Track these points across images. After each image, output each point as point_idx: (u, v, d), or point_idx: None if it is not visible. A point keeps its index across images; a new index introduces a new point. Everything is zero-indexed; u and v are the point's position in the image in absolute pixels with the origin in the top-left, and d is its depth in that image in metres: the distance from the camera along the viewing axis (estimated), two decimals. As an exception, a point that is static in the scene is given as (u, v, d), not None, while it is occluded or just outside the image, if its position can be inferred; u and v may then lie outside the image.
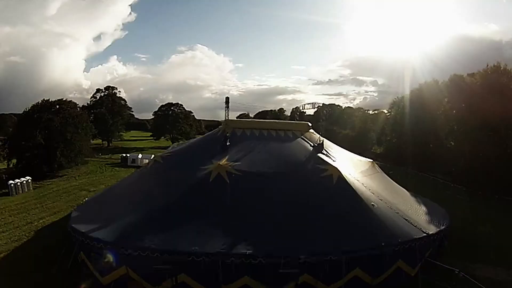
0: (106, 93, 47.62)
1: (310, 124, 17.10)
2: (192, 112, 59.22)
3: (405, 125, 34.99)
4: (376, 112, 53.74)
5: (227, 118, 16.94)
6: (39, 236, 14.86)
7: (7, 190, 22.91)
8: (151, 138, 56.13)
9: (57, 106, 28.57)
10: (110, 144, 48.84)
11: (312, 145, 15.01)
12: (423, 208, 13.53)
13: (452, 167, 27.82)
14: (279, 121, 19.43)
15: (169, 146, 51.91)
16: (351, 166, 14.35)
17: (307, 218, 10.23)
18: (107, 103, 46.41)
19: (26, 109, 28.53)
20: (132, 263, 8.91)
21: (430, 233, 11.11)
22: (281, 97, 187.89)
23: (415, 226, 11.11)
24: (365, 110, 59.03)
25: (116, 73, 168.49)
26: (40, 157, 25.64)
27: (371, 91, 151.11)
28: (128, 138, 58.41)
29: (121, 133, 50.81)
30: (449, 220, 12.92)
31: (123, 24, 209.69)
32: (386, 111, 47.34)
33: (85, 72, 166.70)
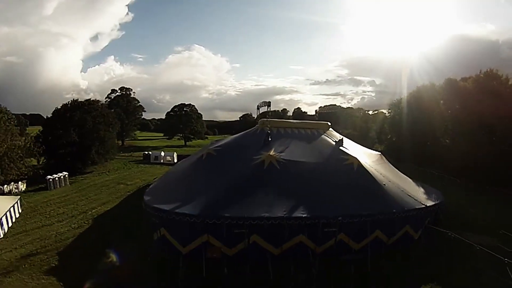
0: (120, 94, 50.12)
1: (329, 124, 20.90)
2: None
3: (404, 125, 39.03)
4: (376, 112, 57.90)
5: (268, 117, 20.87)
6: (99, 223, 17.33)
7: (44, 185, 25.34)
8: (162, 137, 58.81)
9: (87, 106, 31.23)
10: (124, 143, 51.37)
11: (334, 141, 18.81)
12: (422, 189, 17.40)
13: (447, 163, 31.52)
14: (302, 121, 23.02)
15: (182, 145, 54.79)
16: (365, 157, 18.12)
17: (337, 193, 13.84)
18: (122, 103, 48.96)
19: (56, 108, 31.22)
20: (212, 231, 12.08)
21: (428, 205, 14.94)
22: (278, 97, 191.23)
23: (416, 200, 14.93)
24: (366, 110, 63.32)
25: (113, 73, 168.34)
26: (74, 153, 28.28)
27: (368, 91, 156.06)
28: (138, 138, 61.09)
29: (134, 132, 53.38)
30: (442, 197, 16.81)
31: (120, 24, 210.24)
32: (385, 111, 51.63)
33: (82, 72, 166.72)
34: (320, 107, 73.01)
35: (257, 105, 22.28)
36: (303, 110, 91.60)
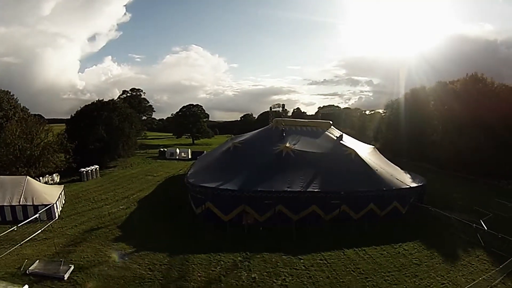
0: (131, 94, 53.83)
1: (331, 122, 25.34)
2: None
3: (398, 124, 43.65)
4: (372, 112, 62.75)
5: (282, 117, 25.31)
6: (143, 204, 21.22)
7: (77, 177, 28.83)
8: (168, 136, 62.59)
9: (112, 105, 35.04)
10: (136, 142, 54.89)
11: (335, 136, 23.22)
12: (408, 175, 21.88)
13: (437, 157, 35.82)
14: (309, 120, 27.41)
15: (190, 143, 58.49)
16: (361, 149, 22.59)
17: (339, 175, 18.20)
18: (134, 103, 52.64)
19: (79, 108, 35.04)
20: (248, 202, 16.32)
21: (412, 186, 19.45)
22: (276, 97, 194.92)
23: (402, 182, 19.40)
24: (363, 110, 68.17)
25: (111, 73, 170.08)
26: (101, 149, 32.00)
27: (366, 91, 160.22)
28: (147, 137, 64.83)
29: (144, 132, 57.00)
30: (425, 181, 21.24)
31: (118, 24, 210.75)
32: (381, 111, 56.29)
33: (79, 73, 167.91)
34: (320, 107, 77.48)
35: (270, 106, 26.50)
36: (302, 111, 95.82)
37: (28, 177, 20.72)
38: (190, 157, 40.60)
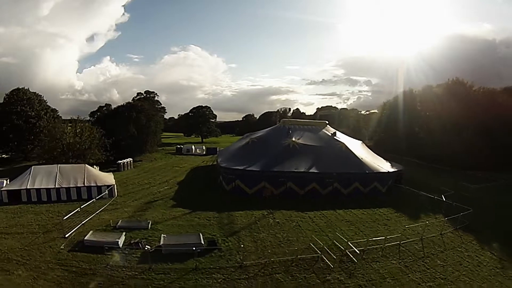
0: (145, 96, 60.07)
1: (327, 122, 32.23)
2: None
3: (388, 123, 50.61)
4: (367, 113, 69.79)
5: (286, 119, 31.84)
6: (183, 185, 27.77)
7: (115, 168, 35.20)
8: (179, 135, 68.83)
9: (139, 107, 41.54)
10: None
11: (330, 133, 30.08)
12: (388, 163, 28.74)
13: (422, 152, 42.42)
14: (308, 120, 34.29)
15: (199, 142, 64.80)
16: (351, 143, 29.42)
17: (332, 162, 24.99)
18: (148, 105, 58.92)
19: (109, 109, 41.37)
20: (267, 180, 23.06)
21: (390, 171, 26.31)
22: (274, 97, 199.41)
23: (382, 168, 26.26)
24: (359, 111, 75.25)
25: (109, 73, 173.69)
26: (132, 144, 38.43)
27: (365, 91, 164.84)
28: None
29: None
30: (402, 168, 28.08)
31: (116, 24, 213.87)
32: (375, 111, 63.04)
33: (78, 73, 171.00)
34: (318, 108, 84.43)
35: (277, 109, 33.32)
36: (301, 111, 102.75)
37: (86, 165, 27.07)
38: (205, 153, 47.29)
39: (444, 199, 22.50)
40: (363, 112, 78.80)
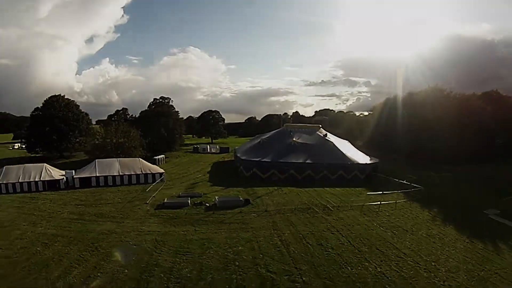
0: (160, 102, 69.77)
1: (320, 126, 42.69)
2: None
3: (377, 125, 60.64)
4: (361, 115, 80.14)
5: (288, 123, 42.35)
6: (212, 174, 37.97)
7: (151, 162, 45.45)
8: (190, 136, 79.08)
9: (167, 112, 51.75)
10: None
11: (322, 134, 40.44)
12: (368, 157, 38.91)
13: (404, 150, 51.34)
14: (305, 124, 44.70)
15: (209, 142, 74.83)
16: (338, 142, 39.70)
17: (323, 155, 35.23)
18: (163, 109, 68.84)
19: (141, 113, 51.52)
20: (276, 168, 33.35)
21: (367, 162, 36.53)
22: (273, 98, 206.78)
23: (362, 160, 36.57)
24: (353, 113, 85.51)
25: (108, 75, 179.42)
26: (161, 144, 48.54)
27: (364, 92, 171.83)
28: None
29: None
30: (378, 161, 38.25)
31: (115, 26, 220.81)
32: (366, 114, 73.17)
33: (77, 75, 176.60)
34: (316, 111, 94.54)
35: (281, 114, 43.84)
36: (300, 114, 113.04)
37: (140, 158, 37.18)
38: (219, 151, 57.61)
39: (405, 182, 32.57)
40: (357, 113, 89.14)
